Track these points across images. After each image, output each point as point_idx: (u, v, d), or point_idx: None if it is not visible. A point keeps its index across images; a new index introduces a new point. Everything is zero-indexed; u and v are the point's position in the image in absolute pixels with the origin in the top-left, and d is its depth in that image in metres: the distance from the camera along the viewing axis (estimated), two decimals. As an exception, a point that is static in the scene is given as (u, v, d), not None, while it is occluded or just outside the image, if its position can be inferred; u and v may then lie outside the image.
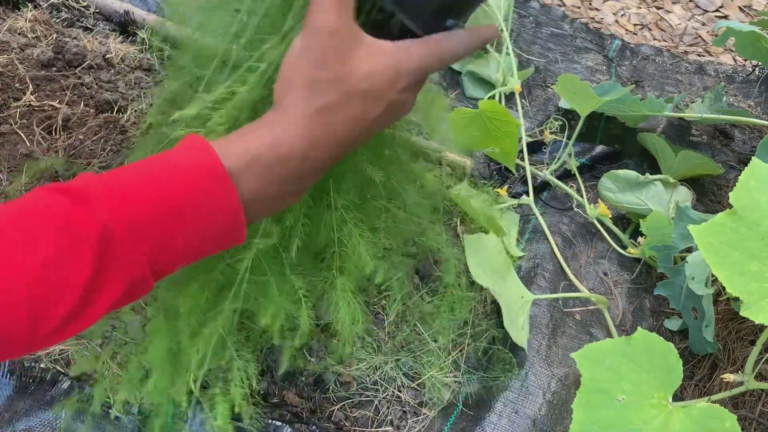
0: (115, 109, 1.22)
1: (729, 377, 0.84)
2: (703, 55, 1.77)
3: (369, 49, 0.50)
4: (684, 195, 1.21)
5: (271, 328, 0.75)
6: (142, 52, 1.36)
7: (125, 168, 0.46)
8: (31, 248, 0.41)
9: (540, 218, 1.22)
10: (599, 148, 1.38)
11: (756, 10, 1.88)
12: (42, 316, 0.42)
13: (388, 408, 0.99)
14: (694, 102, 1.46)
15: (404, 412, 0.99)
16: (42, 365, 0.92)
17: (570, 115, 1.41)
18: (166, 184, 0.45)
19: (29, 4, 1.40)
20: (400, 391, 1.00)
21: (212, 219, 0.47)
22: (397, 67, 0.51)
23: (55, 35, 1.33)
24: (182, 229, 0.46)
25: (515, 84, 1.33)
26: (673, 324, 1.13)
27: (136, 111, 1.22)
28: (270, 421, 0.91)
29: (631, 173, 1.21)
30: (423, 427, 0.98)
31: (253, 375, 0.83)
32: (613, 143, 1.39)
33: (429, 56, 0.52)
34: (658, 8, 1.90)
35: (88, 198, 0.42)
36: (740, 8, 1.90)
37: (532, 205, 1.23)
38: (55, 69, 1.26)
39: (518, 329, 1.01)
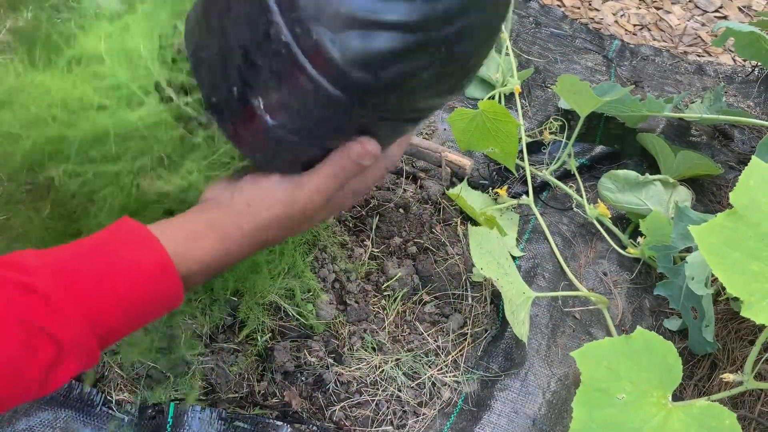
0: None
1: (728, 377, 0.84)
2: (703, 56, 1.78)
3: (310, 197, 0.58)
4: (684, 195, 1.21)
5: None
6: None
7: (81, 258, 0.51)
8: None
9: (540, 218, 1.23)
10: (599, 149, 1.38)
11: (756, 11, 1.88)
12: (4, 398, 0.47)
13: (388, 408, 0.99)
14: (693, 102, 1.47)
15: (404, 411, 0.99)
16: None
17: (570, 116, 1.41)
18: (126, 288, 0.50)
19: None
20: (400, 391, 1.01)
21: (159, 310, 0.54)
22: (329, 201, 0.60)
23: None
24: (131, 322, 0.52)
25: (515, 84, 1.33)
26: (672, 324, 1.13)
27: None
28: (270, 421, 0.91)
29: (631, 173, 1.21)
30: (423, 426, 0.98)
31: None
32: (612, 143, 1.39)
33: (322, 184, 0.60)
34: (658, 9, 1.91)
35: (50, 299, 0.47)
36: (740, 8, 1.90)
37: (532, 205, 1.23)
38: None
39: (519, 323, 1.01)
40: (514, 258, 1.17)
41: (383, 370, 1.02)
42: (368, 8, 0.43)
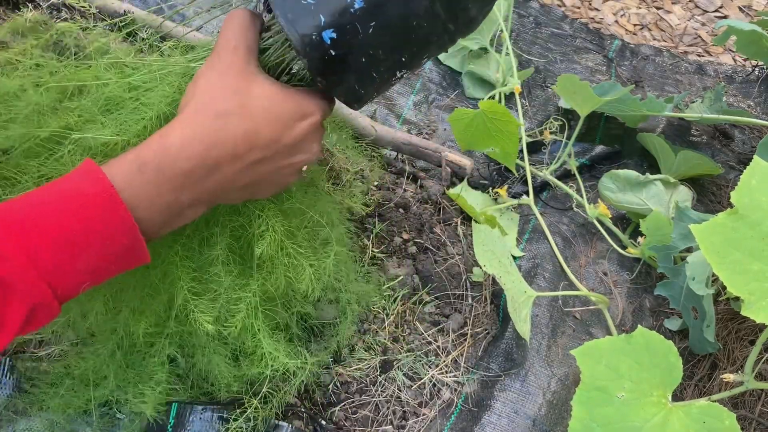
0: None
1: (729, 377, 0.84)
2: (703, 55, 1.78)
3: (268, 78, 0.55)
4: (684, 195, 1.21)
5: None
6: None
7: (20, 198, 0.48)
8: None
9: (540, 218, 1.23)
10: (599, 148, 1.38)
11: (756, 11, 1.88)
12: None
13: (388, 408, 0.99)
14: (693, 102, 1.46)
15: (404, 412, 0.99)
16: (44, 365, 0.92)
17: (570, 115, 1.41)
18: (58, 213, 0.46)
19: (29, 5, 1.40)
20: (400, 391, 1.00)
21: (107, 239, 0.48)
22: (299, 102, 0.56)
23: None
24: (78, 253, 0.47)
25: (515, 84, 1.33)
26: (673, 324, 1.13)
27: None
28: (270, 421, 0.91)
29: (631, 173, 1.21)
30: (423, 427, 0.98)
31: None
32: (612, 143, 1.39)
33: (327, 107, 0.59)
34: (658, 8, 1.91)
35: None
36: (740, 8, 1.90)
37: (532, 205, 1.23)
38: (55, 69, 1.26)
39: (521, 321, 1.01)
40: (514, 258, 1.17)
41: (383, 370, 1.02)
42: None
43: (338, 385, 0.99)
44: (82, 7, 1.45)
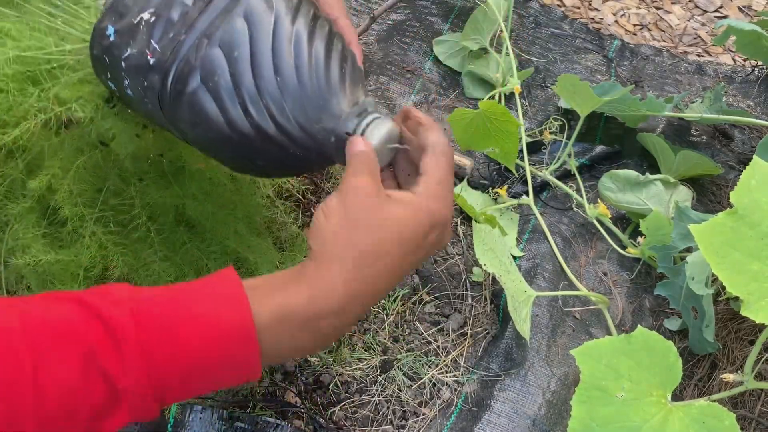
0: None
1: (728, 377, 0.84)
2: (703, 56, 1.78)
3: (399, 203, 0.53)
4: (684, 195, 1.21)
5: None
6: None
7: (159, 302, 0.48)
8: (57, 368, 0.44)
9: (540, 218, 1.23)
10: (599, 148, 1.38)
11: (756, 11, 1.88)
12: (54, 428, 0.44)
13: (388, 408, 0.99)
14: (693, 102, 1.47)
15: (404, 411, 0.99)
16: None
17: (570, 115, 1.41)
18: (195, 342, 0.47)
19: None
20: (400, 391, 1.01)
21: (230, 372, 0.49)
22: (430, 218, 0.54)
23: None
24: (198, 380, 0.48)
25: (515, 84, 1.33)
26: (672, 324, 1.13)
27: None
28: (270, 420, 0.91)
29: (631, 173, 1.21)
30: (423, 426, 0.98)
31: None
32: (612, 143, 1.39)
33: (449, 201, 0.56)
34: (658, 8, 1.91)
35: (118, 336, 0.45)
36: (740, 8, 1.90)
37: (532, 205, 1.23)
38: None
39: (521, 320, 1.01)
40: (514, 258, 1.17)
41: (383, 369, 1.02)
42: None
43: (338, 384, 0.99)
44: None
